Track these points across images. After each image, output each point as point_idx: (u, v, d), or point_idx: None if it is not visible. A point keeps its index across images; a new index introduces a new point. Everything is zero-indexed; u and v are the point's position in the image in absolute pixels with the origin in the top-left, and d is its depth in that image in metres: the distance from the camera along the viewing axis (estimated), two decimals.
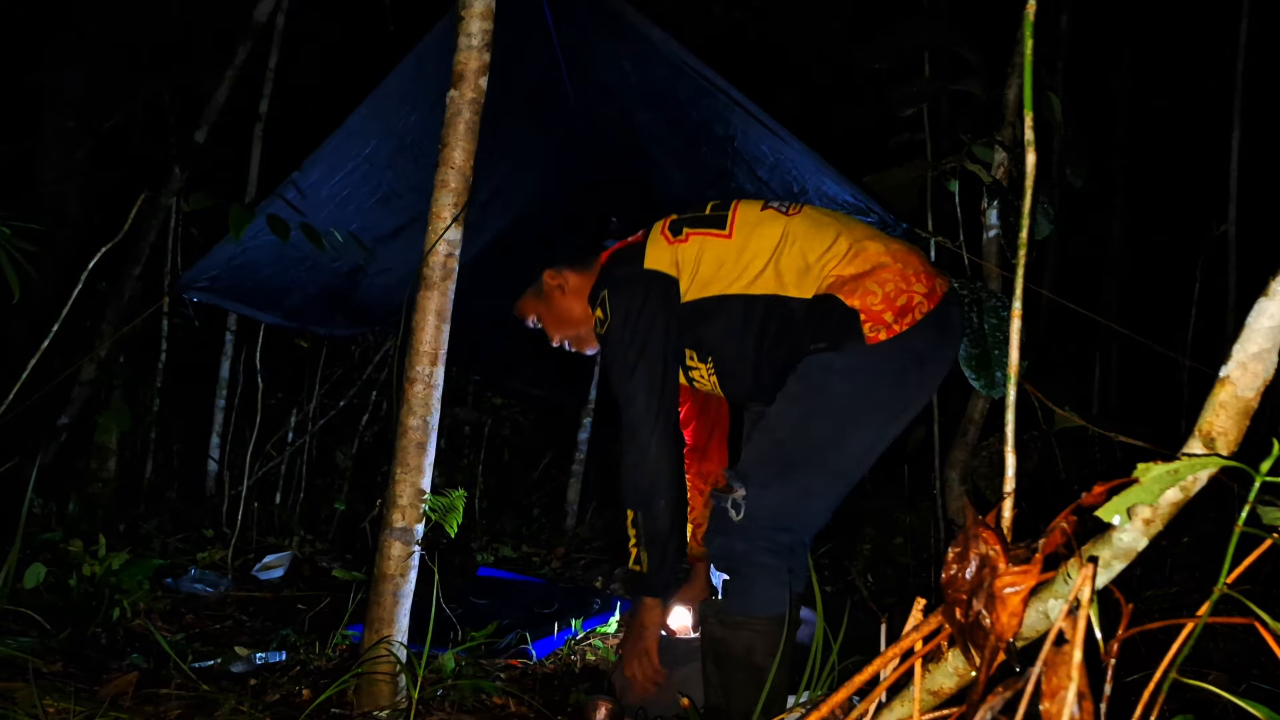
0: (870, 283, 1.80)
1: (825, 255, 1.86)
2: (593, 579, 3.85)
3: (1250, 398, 0.75)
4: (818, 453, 1.79)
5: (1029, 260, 1.01)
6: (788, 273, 1.88)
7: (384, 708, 1.87)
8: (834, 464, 1.80)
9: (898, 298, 1.78)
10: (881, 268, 1.81)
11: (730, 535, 1.77)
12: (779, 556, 1.76)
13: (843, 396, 1.79)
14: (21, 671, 1.79)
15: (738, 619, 1.75)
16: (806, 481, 1.79)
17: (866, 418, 1.80)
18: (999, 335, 2.42)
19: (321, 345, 4.55)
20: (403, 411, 1.96)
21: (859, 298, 1.79)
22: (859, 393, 1.78)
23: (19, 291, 2.12)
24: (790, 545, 1.78)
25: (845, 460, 1.81)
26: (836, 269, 1.84)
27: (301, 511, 4.32)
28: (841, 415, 1.79)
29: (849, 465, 1.82)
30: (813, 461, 1.79)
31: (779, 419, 1.82)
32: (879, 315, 1.76)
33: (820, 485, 1.80)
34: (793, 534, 1.78)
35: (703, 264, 1.95)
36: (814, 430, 1.79)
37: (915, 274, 1.82)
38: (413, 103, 2.81)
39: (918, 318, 1.78)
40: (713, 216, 2.00)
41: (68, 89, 4.62)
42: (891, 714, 0.96)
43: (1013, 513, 0.93)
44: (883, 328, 1.76)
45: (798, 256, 1.88)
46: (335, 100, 2.99)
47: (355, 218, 3.00)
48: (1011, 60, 2.95)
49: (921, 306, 1.79)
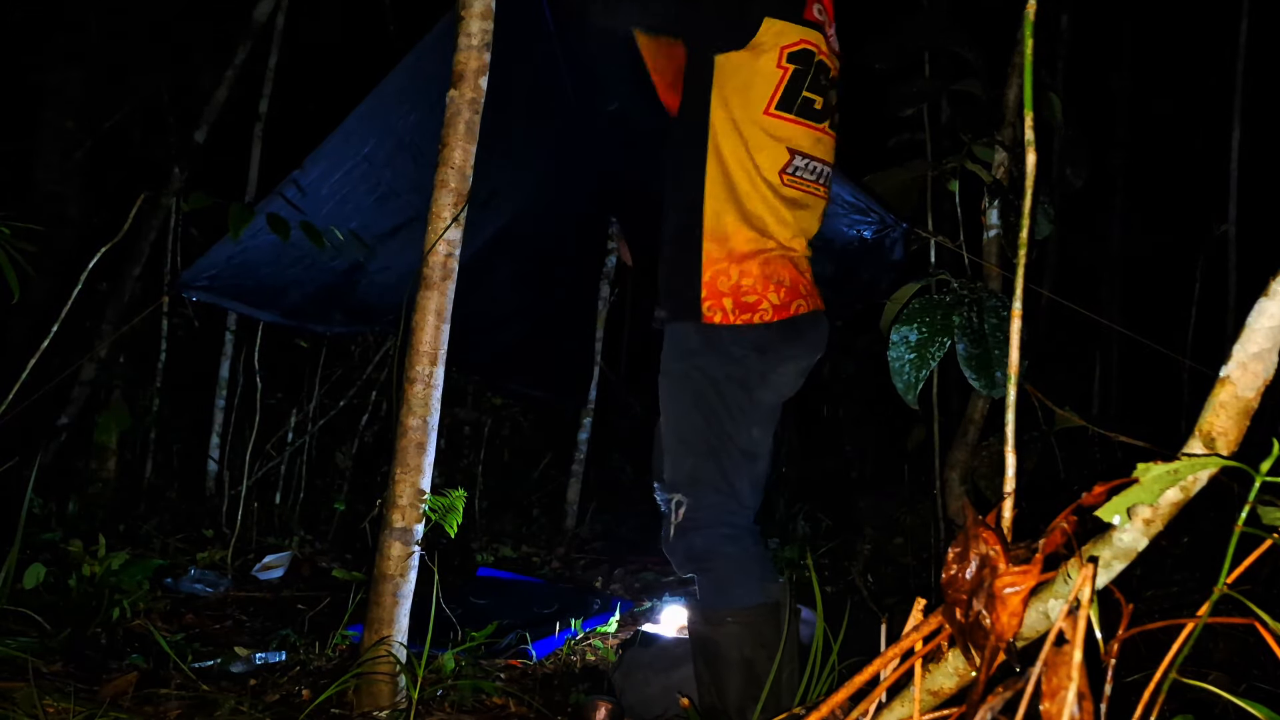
0: (734, 268, 1.79)
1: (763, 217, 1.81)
2: (593, 579, 3.85)
3: (1250, 398, 0.75)
4: (715, 438, 1.79)
5: (1029, 260, 1.01)
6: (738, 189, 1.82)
7: (384, 708, 1.87)
8: (736, 442, 1.80)
9: (747, 294, 1.78)
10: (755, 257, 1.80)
11: (687, 534, 1.78)
12: (739, 543, 1.77)
13: (701, 381, 1.80)
14: (21, 671, 1.79)
15: (719, 613, 1.75)
16: (724, 464, 1.79)
17: (732, 397, 1.80)
18: (999, 335, 2.42)
19: (321, 345, 4.55)
20: (403, 411, 1.96)
21: (713, 273, 1.79)
22: (714, 376, 1.79)
23: (19, 292, 2.12)
24: (745, 527, 1.80)
25: (742, 438, 1.81)
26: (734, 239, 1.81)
27: (301, 511, 4.31)
28: (712, 400, 1.80)
29: (747, 442, 1.82)
30: (717, 447, 1.79)
31: (665, 412, 1.86)
32: (719, 300, 1.78)
33: (733, 464, 1.80)
34: (739, 515, 1.80)
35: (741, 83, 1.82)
36: (702, 419, 1.80)
37: (778, 285, 1.81)
38: (412, 102, 2.81)
39: (758, 320, 1.78)
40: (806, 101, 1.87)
41: (67, 89, 4.61)
42: (891, 714, 0.96)
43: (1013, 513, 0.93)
44: (719, 312, 1.77)
45: (761, 199, 1.82)
46: (335, 100, 3.00)
47: (354, 216, 3.00)
48: (1011, 60, 2.95)
49: (766, 314, 1.78)
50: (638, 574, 3.94)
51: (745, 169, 1.81)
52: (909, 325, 2.36)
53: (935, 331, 2.37)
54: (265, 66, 4.26)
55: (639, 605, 3.25)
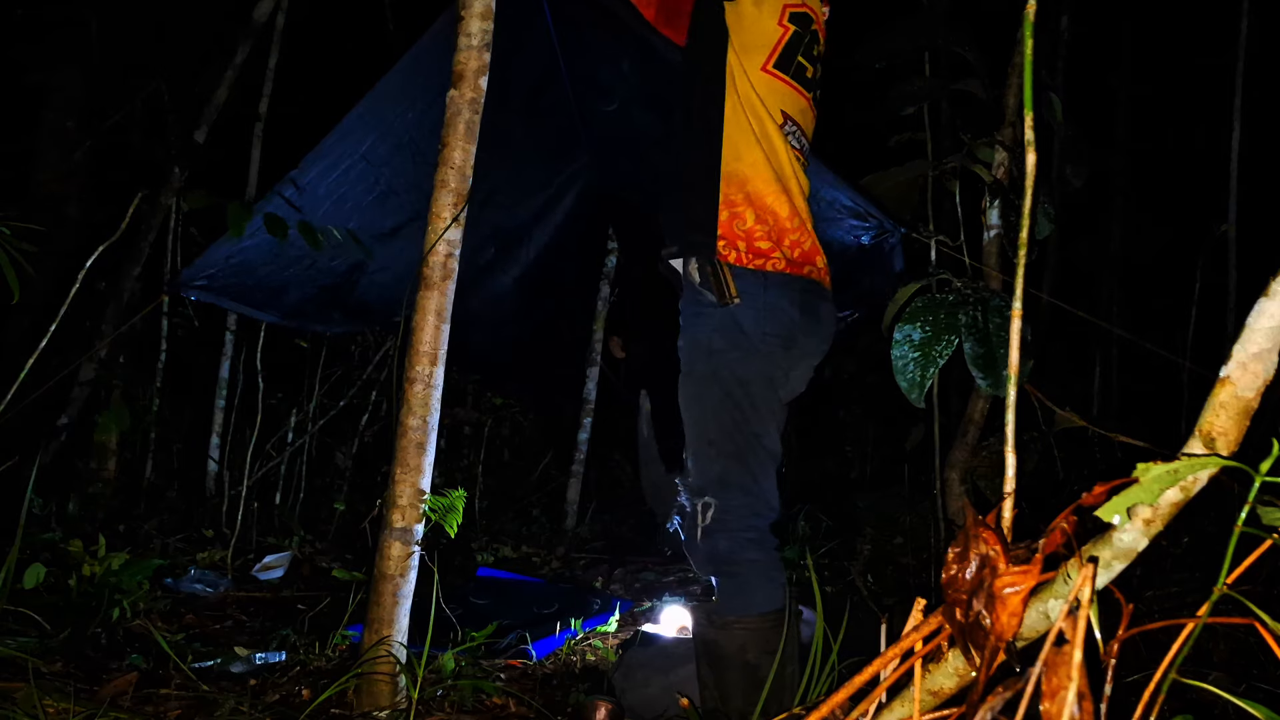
0: (749, 212, 1.77)
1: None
2: (593, 579, 3.85)
3: (1250, 398, 0.75)
4: (744, 439, 1.77)
5: (1029, 260, 1.01)
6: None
7: (384, 708, 1.87)
8: (763, 443, 1.79)
9: (760, 241, 1.76)
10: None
11: (713, 536, 1.76)
12: (763, 548, 1.76)
13: (730, 381, 1.77)
14: (21, 671, 1.79)
15: (728, 620, 1.74)
16: (752, 466, 1.77)
17: (760, 397, 1.78)
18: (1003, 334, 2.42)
19: (321, 345, 4.55)
20: (403, 411, 1.96)
21: (729, 214, 1.76)
22: (742, 376, 1.77)
23: (19, 292, 2.12)
24: (767, 530, 1.79)
25: (768, 439, 1.80)
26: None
27: (301, 511, 4.32)
28: (740, 400, 1.77)
29: (771, 443, 1.81)
30: (745, 448, 1.77)
31: (689, 413, 1.82)
32: (734, 241, 1.75)
33: (760, 465, 1.78)
34: (764, 517, 1.78)
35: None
36: (731, 420, 1.78)
37: (791, 245, 1.78)
38: (410, 101, 2.82)
39: (769, 268, 1.76)
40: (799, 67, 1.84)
41: (68, 89, 4.62)
42: (891, 714, 0.96)
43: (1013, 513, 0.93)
44: (733, 251, 1.75)
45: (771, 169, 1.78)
46: (335, 100, 3.01)
47: (353, 215, 3.01)
48: (1011, 60, 2.95)
49: (778, 263, 1.76)
50: (638, 574, 3.94)
51: (758, 115, 1.78)
52: (912, 324, 2.35)
53: (940, 330, 2.37)
54: (265, 66, 4.26)
55: (639, 605, 3.25)
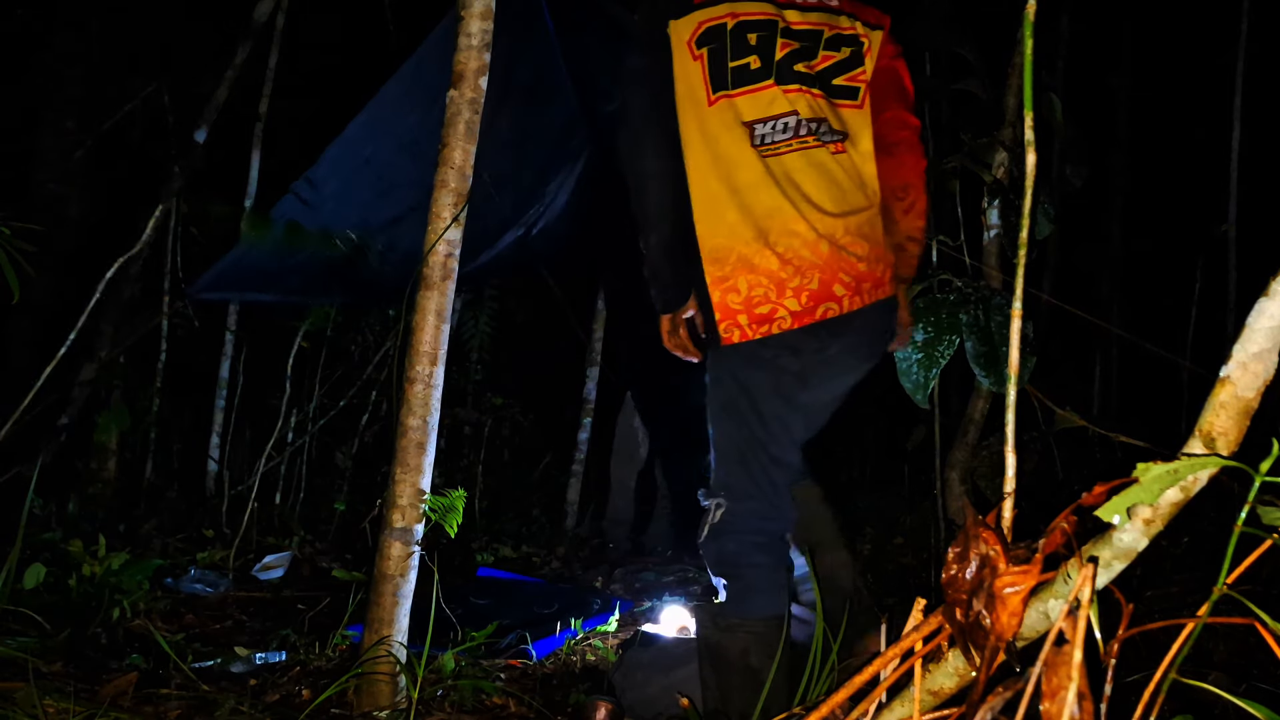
0: (741, 279, 1.72)
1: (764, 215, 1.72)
2: (593, 579, 3.85)
3: (1250, 398, 0.75)
4: (744, 444, 1.77)
5: (1029, 260, 1.01)
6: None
7: (384, 708, 1.87)
8: (769, 450, 1.78)
9: (760, 304, 1.71)
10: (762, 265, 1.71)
11: (720, 537, 1.77)
12: (771, 552, 1.77)
13: (732, 388, 1.77)
14: (21, 671, 1.79)
15: (733, 622, 1.75)
16: (753, 471, 1.77)
17: (767, 405, 1.77)
18: (1005, 333, 2.43)
19: (322, 345, 4.55)
20: (403, 411, 1.96)
21: (721, 292, 1.72)
22: (745, 383, 1.76)
23: (19, 292, 2.12)
24: (779, 534, 1.79)
25: (776, 446, 1.78)
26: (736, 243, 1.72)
27: (301, 511, 4.31)
28: (742, 407, 1.77)
29: (780, 450, 1.79)
30: (747, 454, 1.77)
31: (708, 420, 1.83)
32: (734, 316, 1.72)
33: (763, 471, 1.78)
34: (774, 522, 1.79)
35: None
36: (732, 425, 1.78)
37: (797, 288, 1.71)
38: (411, 104, 2.87)
39: (776, 331, 1.71)
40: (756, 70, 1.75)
41: (67, 89, 4.62)
42: (891, 714, 0.96)
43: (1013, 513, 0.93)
44: (736, 330, 1.72)
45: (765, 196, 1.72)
46: (335, 100, 3.06)
47: (356, 210, 3.12)
48: (1011, 60, 2.95)
49: (784, 322, 1.71)
50: (638, 574, 3.94)
51: (724, 159, 1.72)
52: (914, 325, 2.36)
53: (943, 330, 2.37)
54: (265, 66, 4.26)
55: (639, 605, 3.25)
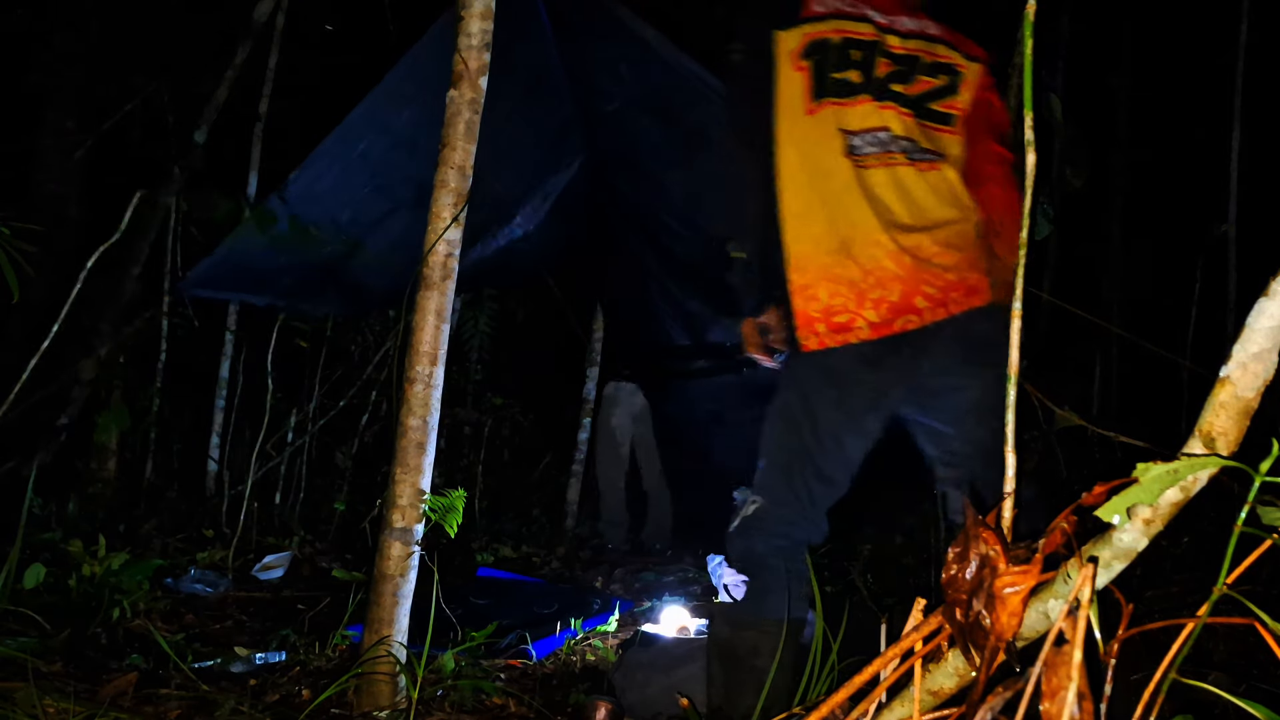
0: (822, 287, 1.71)
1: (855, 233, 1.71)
2: (593, 579, 3.85)
3: (1250, 398, 0.75)
4: (789, 451, 1.77)
5: (1028, 260, 1.01)
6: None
7: (384, 708, 1.87)
8: (815, 462, 1.77)
9: (839, 314, 1.70)
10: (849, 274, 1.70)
11: (748, 534, 1.78)
12: (793, 560, 1.78)
13: (791, 393, 1.77)
14: (21, 671, 1.79)
15: (746, 620, 1.76)
16: (793, 480, 1.77)
17: (823, 416, 1.76)
18: None
19: (321, 345, 4.55)
20: (403, 411, 1.96)
21: (802, 299, 1.72)
22: (805, 390, 1.76)
23: (19, 292, 2.12)
24: (799, 544, 1.79)
25: (824, 460, 1.77)
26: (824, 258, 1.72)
27: (301, 511, 4.31)
28: (796, 413, 1.76)
29: (828, 465, 1.77)
30: (790, 461, 1.77)
31: (763, 428, 1.83)
32: (813, 325, 1.71)
33: (804, 482, 1.77)
34: (800, 528, 1.79)
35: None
36: (782, 427, 1.78)
37: (877, 300, 1.69)
38: (407, 100, 2.86)
39: (854, 340, 1.70)
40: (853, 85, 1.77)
41: (67, 89, 4.62)
42: (891, 714, 0.96)
43: (1013, 513, 0.93)
44: (813, 337, 1.71)
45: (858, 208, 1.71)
46: (335, 100, 3.06)
47: (348, 206, 3.13)
48: (1011, 60, 2.95)
49: (862, 332, 1.69)
50: (638, 574, 3.94)
51: (818, 169, 1.74)
52: None
53: None
54: (265, 66, 4.26)
55: (639, 605, 3.25)
